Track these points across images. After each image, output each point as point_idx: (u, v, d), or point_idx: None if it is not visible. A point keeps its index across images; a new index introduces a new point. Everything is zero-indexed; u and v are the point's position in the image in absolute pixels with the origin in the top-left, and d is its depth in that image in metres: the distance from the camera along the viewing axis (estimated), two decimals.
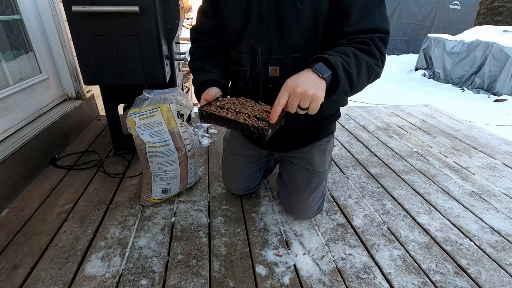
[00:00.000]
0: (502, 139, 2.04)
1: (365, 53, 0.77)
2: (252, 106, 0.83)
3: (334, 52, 0.75)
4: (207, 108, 0.80)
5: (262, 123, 0.75)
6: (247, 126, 0.74)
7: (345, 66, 0.73)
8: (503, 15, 11.98)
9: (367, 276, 0.99)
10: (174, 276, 0.96)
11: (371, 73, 0.80)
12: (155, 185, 1.22)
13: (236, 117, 0.77)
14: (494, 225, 1.23)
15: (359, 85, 0.78)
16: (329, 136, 1.13)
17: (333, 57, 0.73)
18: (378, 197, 1.39)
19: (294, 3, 0.82)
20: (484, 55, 5.75)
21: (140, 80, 1.36)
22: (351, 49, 0.77)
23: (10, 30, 1.53)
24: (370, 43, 0.78)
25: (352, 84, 0.76)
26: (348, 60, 0.74)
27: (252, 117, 0.77)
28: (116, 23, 1.24)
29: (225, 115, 0.77)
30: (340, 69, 0.72)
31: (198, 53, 1.02)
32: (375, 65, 0.79)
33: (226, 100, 0.86)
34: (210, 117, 0.79)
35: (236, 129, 0.77)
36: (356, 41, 0.79)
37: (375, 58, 0.79)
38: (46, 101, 1.73)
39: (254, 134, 0.74)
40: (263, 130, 0.73)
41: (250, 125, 0.74)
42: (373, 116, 2.42)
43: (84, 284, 0.93)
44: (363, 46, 0.78)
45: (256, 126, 0.73)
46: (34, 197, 1.30)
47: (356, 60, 0.75)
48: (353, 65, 0.74)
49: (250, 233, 1.15)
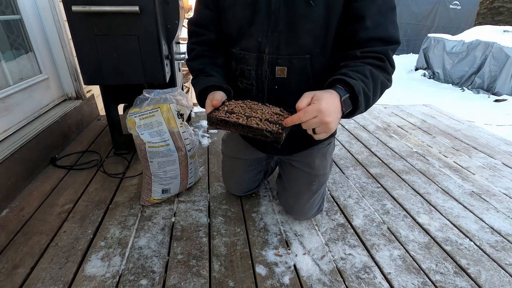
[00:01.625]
0: (502, 139, 2.04)
1: (380, 71, 0.78)
2: (262, 109, 0.80)
3: (354, 73, 0.73)
4: (216, 114, 0.77)
5: (276, 127, 0.72)
6: (261, 131, 0.71)
7: (365, 90, 0.72)
8: (504, 15, 11.98)
9: (367, 276, 0.99)
10: (174, 276, 0.96)
11: (383, 90, 0.80)
12: (155, 185, 1.22)
13: (247, 121, 0.74)
14: (494, 225, 1.23)
15: (373, 103, 0.79)
16: (330, 138, 1.11)
17: (356, 82, 0.71)
18: (378, 197, 1.39)
19: (307, 0, 0.78)
20: (484, 55, 5.75)
21: (140, 80, 1.36)
22: (369, 68, 0.76)
23: (10, 30, 1.53)
24: (385, 59, 0.78)
25: (368, 105, 0.76)
26: (367, 82, 0.73)
27: (264, 121, 0.75)
28: (116, 23, 1.23)
29: (236, 120, 0.74)
30: (362, 96, 0.71)
31: (197, 51, 0.96)
32: (387, 81, 0.80)
33: (233, 104, 0.83)
34: (220, 123, 0.76)
35: (248, 134, 0.74)
36: (371, 56, 0.78)
37: (388, 73, 0.80)
38: (46, 101, 1.73)
39: (269, 138, 0.71)
40: (278, 134, 0.70)
41: (264, 129, 0.71)
42: (373, 116, 2.42)
43: (84, 284, 0.93)
44: (379, 63, 0.77)
45: (270, 130, 0.71)
46: (34, 197, 1.30)
47: (373, 81, 0.75)
48: (370, 87, 0.74)
49: (250, 233, 1.15)
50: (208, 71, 0.92)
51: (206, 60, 0.95)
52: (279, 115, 0.78)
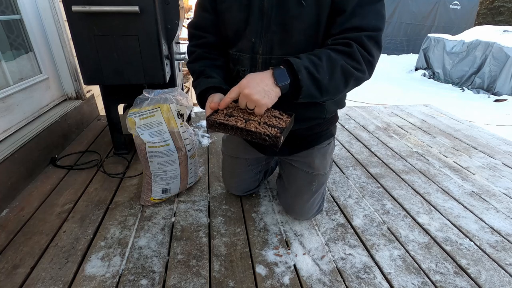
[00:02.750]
0: (502, 139, 2.04)
1: (344, 56, 0.76)
2: (266, 113, 0.80)
3: (305, 55, 0.75)
4: (215, 117, 0.77)
5: (274, 130, 0.72)
6: (259, 134, 0.72)
7: (310, 70, 0.72)
8: (504, 15, 11.98)
9: (367, 276, 0.99)
10: (174, 276, 0.96)
11: (348, 77, 0.77)
12: (155, 185, 1.22)
13: (246, 125, 0.74)
14: (494, 225, 1.23)
15: (332, 89, 0.77)
16: (330, 138, 1.11)
17: (299, 61, 0.72)
18: (378, 197, 1.39)
19: (299, 0, 0.79)
20: (484, 55, 5.75)
21: (140, 80, 1.36)
22: (327, 51, 0.76)
23: (10, 30, 1.53)
24: (352, 44, 0.76)
25: (321, 88, 0.75)
26: (318, 64, 0.73)
27: (263, 124, 0.75)
28: (116, 23, 1.23)
29: (235, 124, 0.74)
30: (303, 73, 0.72)
31: (197, 53, 0.97)
32: (353, 69, 0.77)
33: (232, 106, 0.83)
34: (219, 126, 0.76)
35: (247, 137, 0.74)
36: (339, 42, 0.78)
37: (356, 61, 0.77)
38: (46, 101, 1.73)
39: (267, 142, 0.72)
40: (276, 137, 0.70)
41: (262, 133, 0.71)
42: (373, 116, 2.42)
43: (84, 284, 0.93)
44: (343, 48, 0.76)
45: (268, 134, 0.71)
46: (34, 197, 1.30)
47: (329, 64, 0.74)
48: (323, 69, 0.73)
49: (250, 233, 1.15)
50: (208, 73, 0.92)
51: (207, 62, 0.96)
52: (278, 118, 0.78)
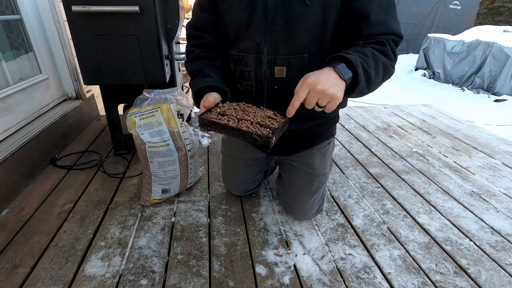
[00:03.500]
0: (502, 139, 2.04)
1: (382, 54, 0.78)
2: (254, 112, 0.80)
3: (353, 52, 0.75)
4: (208, 116, 0.77)
5: (266, 130, 0.72)
6: (250, 134, 0.71)
7: (364, 66, 0.72)
8: (504, 15, 11.97)
9: (367, 276, 0.99)
10: (174, 276, 0.96)
11: (386, 73, 0.80)
12: (155, 185, 1.22)
13: (238, 124, 0.74)
14: (494, 225, 1.23)
15: (375, 84, 0.78)
16: (330, 138, 1.11)
17: (353, 56, 0.72)
18: (378, 197, 1.39)
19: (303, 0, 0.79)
20: (484, 55, 5.74)
21: (140, 80, 1.36)
22: (370, 49, 0.77)
23: (10, 30, 1.53)
24: (386, 43, 0.78)
25: (370, 83, 0.76)
26: (367, 60, 0.74)
27: (255, 124, 0.74)
28: (116, 23, 1.24)
29: (227, 123, 0.74)
30: (360, 69, 0.71)
31: (196, 53, 0.96)
32: (390, 65, 0.80)
33: (227, 106, 0.83)
34: (211, 125, 0.76)
35: (238, 137, 0.74)
36: (373, 41, 0.79)
37: (390, 58, 0.80)
38: (46, 101, 1.73)
39: (258, 142, 0.71)
40: (267, 138, 0.70)
41: (253, 133, 0.71)
42: (373, 116, 2.42)
43: (84, 284, 0.93)
44: (380, 47, 0.78)
45: (259, 134, 0.71)
46: (34, 197, 1.30)
47: (375, 60, 0.75)
48: (371, 65, 0.74)
49: (250, 233, 1.15)
50: (205, 72, 0.92)
51: (205, 62, 0.95)
52: (272, 119, 0.78)
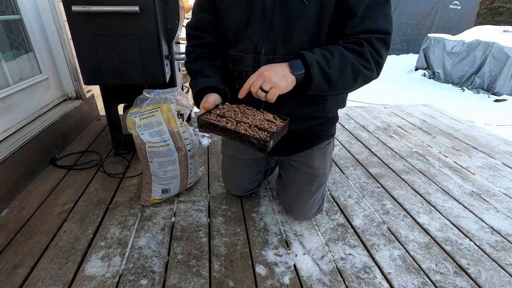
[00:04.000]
0: (502, 139, 2.04)
1: (355, 54, 0.78)
2: (254, 115, 0.80)
3: (318, 50, 0.78)
4: (206, 117, 0.77)
5: (264, 134, 0.72)
6: (248, 137, 0.71)
7: (322, 65, 0.75)
8: (504, 15, 11.97)
9: (367, 276, 0.99)
10: (174, 276, 0.96)
11: (357, 75, 0.80)
12: (155, 185, 1.22)
13: (236, 127, 0.74)
14: (494, 225, 1.23)
15: (342, 85, 0.80)
16: (330, 138, 1.11)
17: (313, 55, 0.75)
18: (378, 197, 1.39)
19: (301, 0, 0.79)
20: (484, 55, 5.74)
21: (140, 80, 1.36)
22: (340, 48, 0.78)
23: (10, 30, 1.53)
24: (363, 44, 0.78)
25: (330, 83, 0.78)
26: (330, 59, 0.76)
27: (253, 127, 0.74)
28: (116, 23, 1.23)
29: (225, 125, 0.74)
30: (315, 67, 0.75)
31: (196, 53, 0.96)
32: (363, 67, 0.80)
33: (227, 108, 0.83)
34: (209, 127, 0.76)
35: (236, 140, 0.73)
36: (351, 41, 0.80)
37: (366, 60, 0.79)
38: (46, 101, 1.73)
39: (255, 145, 0.71)
40: (264, 142, 0.70)
41: (251, 136, 0.71)
42: (373, 116, 2.42)
43: (84, 284, 0.93)
44: (354, 47, 0.78)
45: (257, 138, 0.70)
46: (34, 197, 1.30)
47: (341, 61, 0.77)
48: (334, 65, 0.76)
49: (250, 233, 1.15)
50: (206, 72, 0.92)
51: (205, 62, 0.95)
52: (271, 122, 0.78)
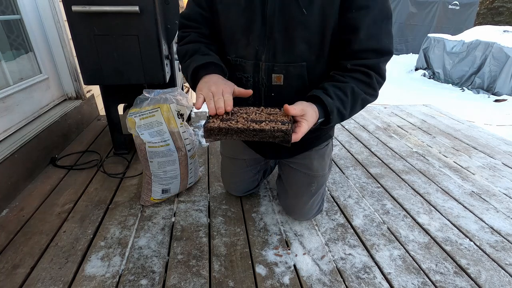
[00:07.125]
0: (502, 139, 2.04)
1: (364, 86, 0.81)
2: (254, 112, 0.78)
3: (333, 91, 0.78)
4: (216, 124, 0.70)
5: (284, 126, 0.69)
6: (271, 132, 0.68)
7: (340, 109, 0.78)
8: (504, 15, 11.96)
9: (367, 276, 0.99)
10: (174, 276, 0.96)
11: (364, 105, 0.85)
12: (155, 185, 1.22)
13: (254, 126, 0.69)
14: (494, 225, 1.23)
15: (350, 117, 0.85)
16: (328, 140, 1.11)
17: (332, 101, 0.76)
18: (378, 197, 1.39)
19: (300, 8, 0.77)
20: (484, 55, 5.75)
21: (140, 80, 1.36)
22: (351, 86, 0.79)
23: (10, 30, 1.53)
24: (372, 75, 0.80)
25: (343, 119, 0.83)
26: (345, 101, 0.78)
27: (270, 122, 0.72)
28: (116, 23, 1.23)
29: (242, 126, 0.69)
30: (334, 113, 0.77)
31: (192, 36, 0.90)
32: (369, 96, 0.83)
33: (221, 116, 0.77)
34: (220, 132, 0.69)
35: (254, 139, 0.69)
36: (360, 70, 0.80)
37: (373, 89, 0.82)
38: (46, 101, 1.73)
39: (278, 138, 0.68)
40: (287, 132, 0.67)
41: (274, 130, 0.68)
42: (373, 116, 2.42)
43: (84, 284, 0.93)
44: (365, 79, 0.80)
45: (282, 130, 0.68)
46: (34, 197, 1.30)
47: (353, 99, 0.80)
48: (348, 105, 0.79)
49: (250, 233, 1.15)
50: (204, 51, 0.87)
51: (202, 45, 0.90)
52: (276, 115, 0.76)
